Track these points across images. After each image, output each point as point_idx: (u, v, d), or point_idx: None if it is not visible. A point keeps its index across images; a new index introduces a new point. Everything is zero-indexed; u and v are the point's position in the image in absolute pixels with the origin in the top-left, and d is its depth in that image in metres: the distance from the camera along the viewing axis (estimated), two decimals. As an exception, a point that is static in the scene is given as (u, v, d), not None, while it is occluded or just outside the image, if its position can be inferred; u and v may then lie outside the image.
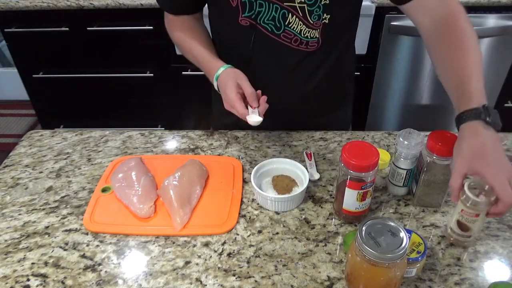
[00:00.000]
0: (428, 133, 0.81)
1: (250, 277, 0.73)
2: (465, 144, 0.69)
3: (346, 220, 0.84)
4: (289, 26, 0.92)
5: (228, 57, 1.00)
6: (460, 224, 0.74)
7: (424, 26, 0.85)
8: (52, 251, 0.79)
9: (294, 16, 0.90)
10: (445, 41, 0.80)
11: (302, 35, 0.93)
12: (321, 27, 0.93)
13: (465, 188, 0.71)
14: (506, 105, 2.10)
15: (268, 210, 0.87)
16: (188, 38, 1.01)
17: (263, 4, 0.89)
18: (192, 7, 1.02)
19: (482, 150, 0.68)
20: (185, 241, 0.80)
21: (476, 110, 0.69)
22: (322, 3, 0.88)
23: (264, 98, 0.87)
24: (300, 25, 0.92)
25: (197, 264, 0.76)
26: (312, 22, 0.91)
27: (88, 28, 1.99)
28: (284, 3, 0.89)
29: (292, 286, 0.72)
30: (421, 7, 0.84)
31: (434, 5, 0.83)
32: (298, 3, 0.88)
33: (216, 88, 0.94)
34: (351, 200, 0.79)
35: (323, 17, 0.91)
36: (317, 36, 0.94)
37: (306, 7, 0.89)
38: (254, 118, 0.84)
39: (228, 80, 0.88)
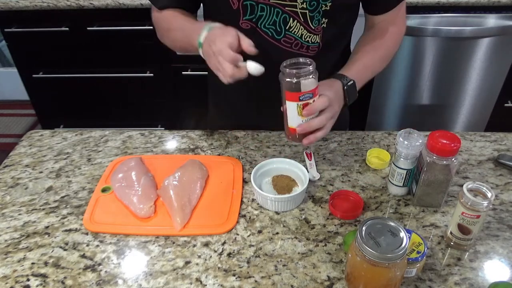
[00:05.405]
0: (428, 133, 0.81)
1: (250, 277, 0.73)
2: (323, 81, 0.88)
3: (294, 140, 0.84)
4: (290, 30, 0.92)
5: None
6: (461, 228, 0.74)
7: (370, 25, 1.02)
8: (52, 251, 0.79)
9: (295, 21, 0.90)
10: (371, 36, 1.00)
11: (303, 39, 0.93)
12: (321, 32, 0.93)
13: (464, 190, 0.71)
14: (506, 105, 2.10)
15: (268, 210, 0.87)
16: (172, 17, 0.94)
17: (264, 8, 0.89)
18: (188, 3, 0.97)
19: (332, 84, 0.87)
20: (185, 241, 0.80)
21: (346, 78, 0.90)
22: (323, 9, 0.88)
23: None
24: (301, 29, 0.91)
25: (197, 264, 0.76)
26: (313, 28, 0.91)
27: (88, 28, 1.99)
28: (286, 8, 0.88)
29: (292, 286, 0.72)
30: (380, 19, 1.00)
31: (388, 20, 0.99)
32: (299, 8, 0.88)
33: (201, 53, 0.84)
34: (293, 114, 0.80)
35: (322, 22, 0.91)
36: (318, 41, 0.94)
37: (308, 13, 0.89)
38: (253, 64, 0.76)
39: (218, 35, 0.78)
